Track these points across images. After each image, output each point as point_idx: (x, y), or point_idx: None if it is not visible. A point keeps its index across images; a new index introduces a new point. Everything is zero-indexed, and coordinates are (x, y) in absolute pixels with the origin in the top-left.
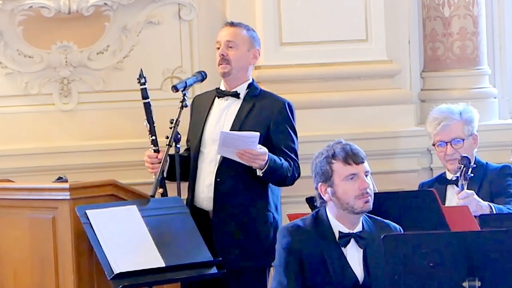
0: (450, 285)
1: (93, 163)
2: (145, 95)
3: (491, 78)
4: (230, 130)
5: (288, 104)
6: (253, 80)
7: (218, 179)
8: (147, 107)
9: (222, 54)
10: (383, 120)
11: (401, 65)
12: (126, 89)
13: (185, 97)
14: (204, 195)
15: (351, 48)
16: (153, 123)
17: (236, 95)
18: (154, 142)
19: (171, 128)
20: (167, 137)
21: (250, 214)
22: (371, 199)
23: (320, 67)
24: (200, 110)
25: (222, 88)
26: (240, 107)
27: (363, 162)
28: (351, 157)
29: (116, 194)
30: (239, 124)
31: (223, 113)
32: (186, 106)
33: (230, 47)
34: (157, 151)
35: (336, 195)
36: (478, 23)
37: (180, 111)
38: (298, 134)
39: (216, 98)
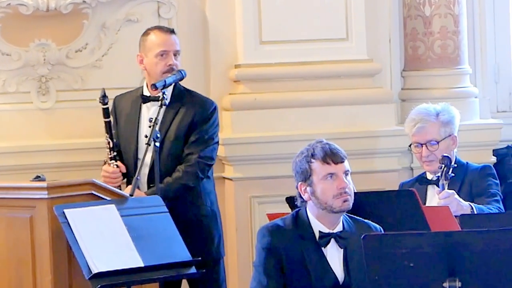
0: (431, 286)
1: (72, 162)
2: (106, 115)
3: (472, 77)
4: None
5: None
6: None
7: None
8: (108, 126)
9: (176, 64)
10: (363, 119)
11: (381, 64)
12: (104, 87)
13: (164, 95)
14: None
15: (331, 47)
16: (113, 139)
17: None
18: (114, 158)
19: (150, 126)
20: (146, 136)
21: (188, 211)
22: (350, 199)
23: (300, 66)
24: (127, 114)
25: (146, 93)
26: (165, 113)
27: (343, 162)
28: (330, 156)
29: (95, 193)
30: (165, 130)
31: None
32: (165, 104)
33: (176, 56)
34: (117, 166)
35: (315, 194)
36: (459, 22)
37: (159, 110)
38: (279, 133)
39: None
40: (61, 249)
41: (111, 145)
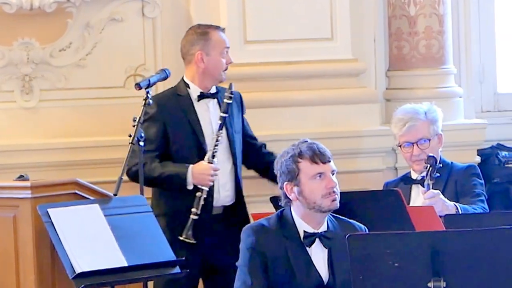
0: (415, 286)
1: (55, 161)
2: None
3: (457, 77)
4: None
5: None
6: None
7: None
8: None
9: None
10: (348, 119)
11: (366, 64)
12: (88, 86)
13: (148, 95)
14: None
15: (316, 46)
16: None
17: (215, 95)
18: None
19: (134, 126)
20: (130, 136)
21: None
22: (338, 198)
23: (285, 65)
24: (178, 114)
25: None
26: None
27: (330, 161)
28: (318, 156)
29: (78, 192)
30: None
31: (212, 115)
32: (149, 104)
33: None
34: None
35: (303, 194)
36: (444, 22)
37: (143, 109)
38: (264, 133)
39: (196, 101)
40: (45, 249)
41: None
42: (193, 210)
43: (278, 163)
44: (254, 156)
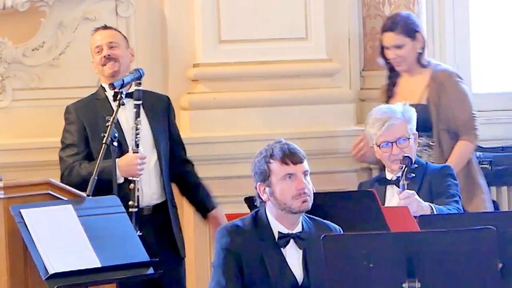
0: (390, 286)
1: (28, 161)
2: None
3: None
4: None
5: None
6: None
7: None
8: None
9: (109, 55)
10: (322, 119)
11: (340, 64)
12: (61, 86)
13: (122, 95)
14: None
15: (290, 46)
16: None
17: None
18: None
19: (107, 126)
20: (103, 136)
21: None
22: (309, 199)
23: (259, 65)
24: (95, 115)
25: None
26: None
27: (302, 162)
28: (289, 156)
29: (52, 193)
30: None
31: (130, 113)
32: (123, 104)
33: (113, 47)
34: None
35: (274, 195)
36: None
37: (117, 109)
38: (238, 133)
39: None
40: (17, 249)
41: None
42: (130, 203)
43: (252, 163)
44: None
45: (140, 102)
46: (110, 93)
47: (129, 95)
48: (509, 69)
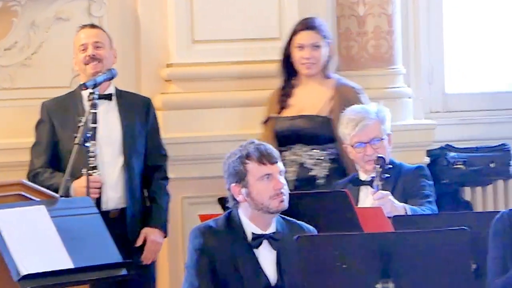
0: (364, 287)
1: (1, 162)
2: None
3: (406, 77)
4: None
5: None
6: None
7: None
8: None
9: (93, 54)
10: None
11: None
12: (34, 86)
13: (94, 95)
14: None
15: (264, 46)
16: None
17: (108, 97)
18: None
19: (79, 126)
20: (75, 136)
21: None
22: (286, 199)
23: (233, 65)
24: (67, 116)
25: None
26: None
27: (277, 162)
28: (266, 157)
29: (24, 194)
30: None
31: (105, 116)
32: (95, 104)
33: (98, 47)
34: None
35: (251, 195)
36: (393, 22)
37: (89, 109)
38: (211, 133)
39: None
40: None
41: (96, 153)
42: None
43: (226, 164)
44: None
45: (96, 126)
46: (85, 93)
47: (106, 97)
48: (482, 69)
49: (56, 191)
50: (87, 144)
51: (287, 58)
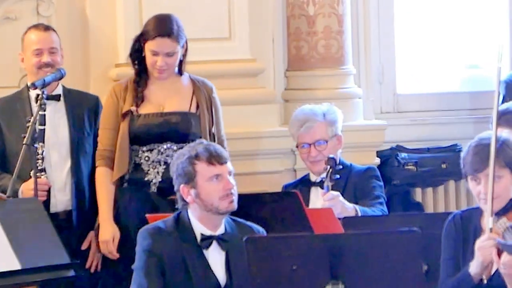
0: None
1: None
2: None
3: (356, 78)
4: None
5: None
6: None
7: None
8: (43, 134)
9: (49, 61)
10: (246, 120)
11: (264, 64)
12: None
13: (43, 95)
14: None
15: (214, 46)
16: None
17: (57, 97)
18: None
19: (27, 126)
20: (24, 136)
21: None
22: (236, 199)
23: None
24: (14, 117)
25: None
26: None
27: (226, 162)
28: (215, 157)
29: None
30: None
31: (53, 118)
32: (44, 104)
33: (53, 53)
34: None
35: (200, 196)
36: (343, 22)
37: (38, 109)
38: None
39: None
40: None
41: (44, 155)
42: None
43: (174, 165)
44: None
45: (44, 127)
46: (33, 93)
47: (55, 97)
48: (433, 70)
49: (4, 192)
50: (35, 145)
51: (139, 50)
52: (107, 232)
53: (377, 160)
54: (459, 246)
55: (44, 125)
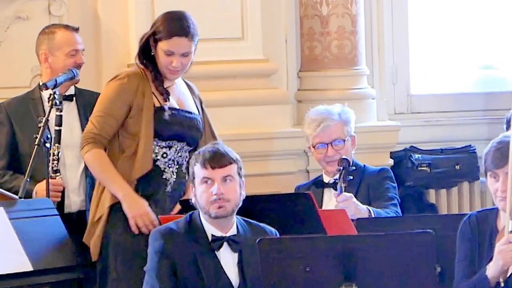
0: None
1: None
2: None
3: (369, 78)
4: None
5: None
6: None
7: None
8: (59, 134)
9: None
10: (259, 120)
11: (277, 65)
12: None
13: (55, 95)
14: None
15: (226, 46)
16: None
17: (70, 98)
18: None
19: (39, 127)
20: (36, 137)
21: None
22: (228, 205)
23: (195, 65)
24: (27, 118)
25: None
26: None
27: (222, 167)
28: (209, 161)
29: None
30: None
31: (67, 118)
32: (56, 104)
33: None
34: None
35: (196, 198)
36: (357, 22)
37: (50, 110)
38: None
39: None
40: None
41: (59, 156)
42: None
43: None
44: None
45: (60, 128)
46: (45, 93)
47: (68, 98)
48: (447, 70)
49: (17, 193)
50: (47, 145)
51: (147, 49)
52: (139, 205)
53: (391, 161)
54: (475, 247)
55: (61, 126)
